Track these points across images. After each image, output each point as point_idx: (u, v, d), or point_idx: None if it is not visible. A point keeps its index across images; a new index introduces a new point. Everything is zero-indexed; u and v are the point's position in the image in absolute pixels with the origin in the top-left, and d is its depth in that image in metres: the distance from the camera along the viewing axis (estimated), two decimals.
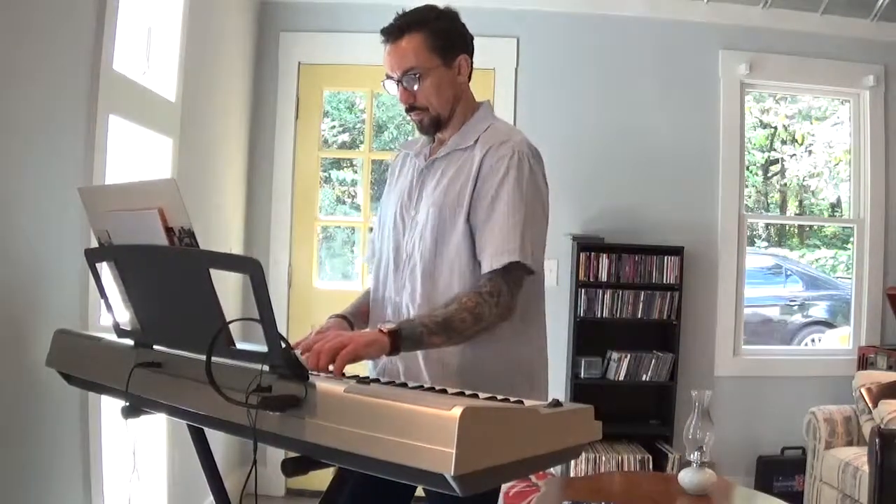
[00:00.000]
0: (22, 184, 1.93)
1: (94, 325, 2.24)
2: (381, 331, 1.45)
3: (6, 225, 1.87)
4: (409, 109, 1.75)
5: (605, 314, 3.89)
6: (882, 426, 3.15)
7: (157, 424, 2.78)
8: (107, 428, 2.36)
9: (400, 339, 1.46)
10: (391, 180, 1.94)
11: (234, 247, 3.83)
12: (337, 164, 6.91)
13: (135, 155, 2.71)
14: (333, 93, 5.54)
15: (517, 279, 1.65)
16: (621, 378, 3.86)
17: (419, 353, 1.66)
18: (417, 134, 1.88)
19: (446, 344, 1.56)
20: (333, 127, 6.42)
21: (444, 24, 1.74)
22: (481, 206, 1.67)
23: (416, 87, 1.70)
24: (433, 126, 1.77)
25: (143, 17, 2.76)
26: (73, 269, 2.15)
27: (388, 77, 1.74)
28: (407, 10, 1.73)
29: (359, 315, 1.86)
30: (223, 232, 3.67)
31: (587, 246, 3.90)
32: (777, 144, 7.49)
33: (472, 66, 1.79)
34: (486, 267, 1.63)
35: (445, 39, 1.72)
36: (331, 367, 1.34)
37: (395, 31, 1.70)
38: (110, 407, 2.29)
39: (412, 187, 1.81)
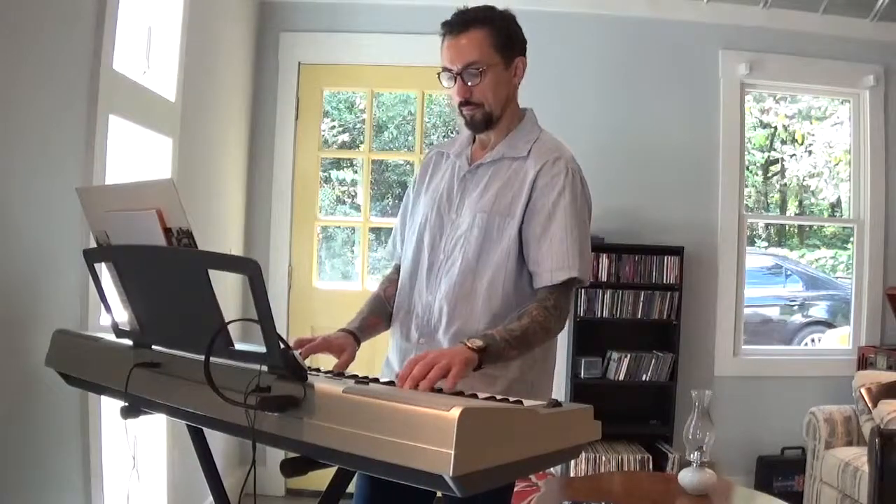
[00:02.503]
0: (22, 184, 1.93)
1: (93, 326, 2.24)
2: (470, 348, 1.46)
3: (6, 225, 1.87)
4: (464, 104, 1.76)
5: (605, 314, 3.89)
6: (882, 426, 3.15)
7: (156, 424, 2.78)
8: (107, 428, 2.36)
9: (485, 356, 1.48)
10: (423, 179, 1.93)
11: (234, 247, 3.83)
12: (337, 164, 6.92)
13: (135, 155, 2.71)
14: (333, 93, 5.55)
15: (571, 291, 1.73)
16: (621, 378, 3.86)
17: None
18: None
19: (518, 357, 1.61)
20: (333, 127, 6.43)
21: (508, 25, 1.77)
22: (537, 220, 1.71)
23: (476, 82, 1.72)
24: (484, 123, 1.78)
25: (143, 17, 2.76)
26: (72, 270, 2.15)
27: (446, 70, 1.74)
28: (469, 7, 1.75)
29: (366, 329, 1.85)
30: (223, 232, 3.67)
31: None
32: (777, 144, 7.50)
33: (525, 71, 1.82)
34: (546, 281, 1.68)
35: (508, 39, 1.75)
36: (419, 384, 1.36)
37: (459, 25, 1.72)
38: (110, 407, 2.29)
39: (452, 189, 1.82)
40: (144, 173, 2.73)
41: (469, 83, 1.72)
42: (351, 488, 1.35)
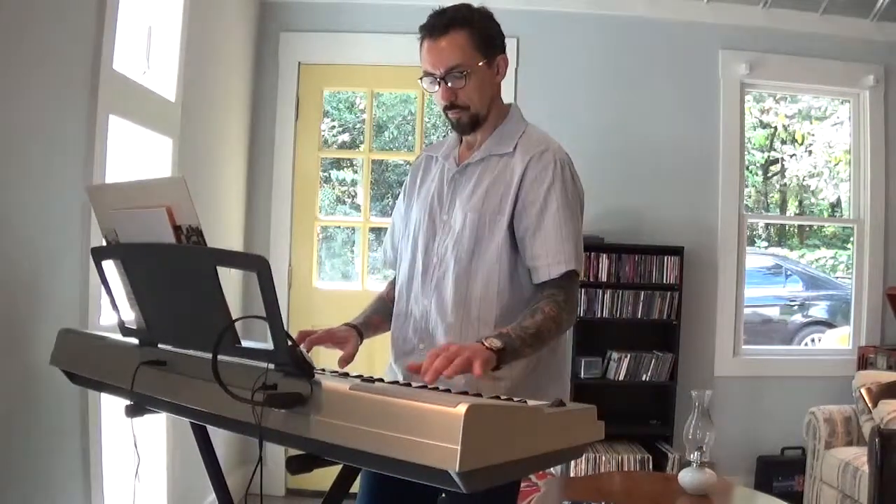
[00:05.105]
0: (22, 184, 1.93)
1: (94, 325, 2.24)
2: (488, 348, 1.44)
3: (6, 225, 1.86)
4: (449, 107, 1.73)
5: (605, 314, 3.89)
6: (882, 426, 3.15)
7: (157, 424, 2.78)
8: (107, 427, 2.36)
9: (503, 356, 1.47)
10: (413, 184, 1.91)
11: (234, 247, 3.83)
12: (337, 163, 6.92)
13: (135, 155, 2.71)
14: (333, 93, 5.55)
15: (576, 283, 1.69)
16: (621, 378, 3.86)
17: None
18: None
19: (532, 353, 1.59)
20: (333, 127, 6.43)
21: (487, 23, 1.74)
22: (529, 214, 1.68)
23: (461, 85, 1.69)
24: (471, 125, 1.75)
25: (143, 17, 2.76)
26: (73, 269, 2.15)
27: (428, 74, 1.71)
28: (444, 7, 1.71)
29: (370, 325, 1.84)
30: (223, 232, 3.67)
31: (587, 246, 3.80)
32: (777, 144, 7.51)
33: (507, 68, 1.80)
34: (544, 276, 1.65)
35: (488, 38, 1.72)
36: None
37: (438, 28, 1.68)
38: (111, 406, 2.29)
39: (443, 192, 1.80)
40: (145, 173, 2.73)
41: (454, 86, 1.69)
42: (355, 489, 1.35)
